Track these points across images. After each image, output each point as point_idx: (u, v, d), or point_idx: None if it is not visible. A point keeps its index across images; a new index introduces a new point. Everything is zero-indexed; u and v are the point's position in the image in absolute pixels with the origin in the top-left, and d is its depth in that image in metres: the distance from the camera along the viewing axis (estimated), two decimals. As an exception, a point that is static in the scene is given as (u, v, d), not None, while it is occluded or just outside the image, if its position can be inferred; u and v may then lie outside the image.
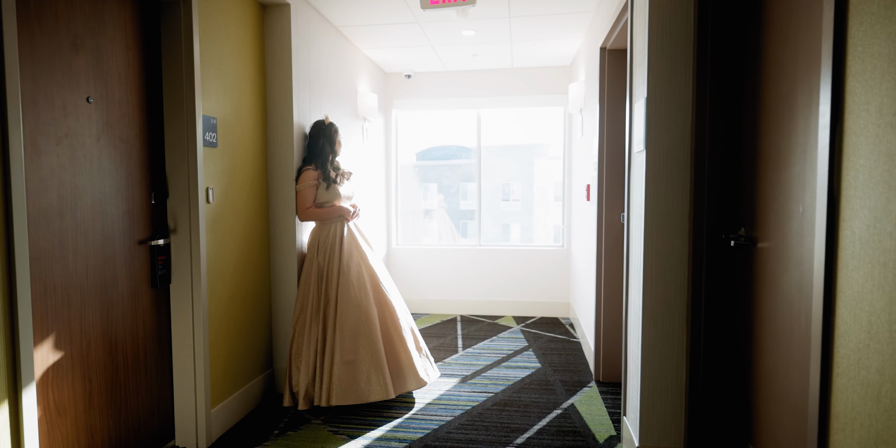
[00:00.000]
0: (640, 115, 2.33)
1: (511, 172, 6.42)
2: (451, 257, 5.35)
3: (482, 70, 5.19)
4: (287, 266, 3.22)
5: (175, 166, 2.48)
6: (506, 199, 6.62)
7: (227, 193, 2.76)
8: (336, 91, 3.87)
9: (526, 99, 5.18)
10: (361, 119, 4.49)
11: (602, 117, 3.40)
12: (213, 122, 2.61)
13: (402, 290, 5.40)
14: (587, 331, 3.97)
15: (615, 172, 3.35)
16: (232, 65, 2.80)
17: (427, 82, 5.27)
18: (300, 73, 3.25)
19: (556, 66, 5.09)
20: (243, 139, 2.93)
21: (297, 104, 3.20)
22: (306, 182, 3.16)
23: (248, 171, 2.98)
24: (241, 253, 2.90)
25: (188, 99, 2.45)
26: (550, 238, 6.14)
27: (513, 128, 5.66)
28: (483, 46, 4.41)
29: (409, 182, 5.90)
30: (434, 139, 5.88)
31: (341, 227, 3.23)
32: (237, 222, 2.86)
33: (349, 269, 3.13)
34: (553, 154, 5.67)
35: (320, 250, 3.17)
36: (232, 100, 2.80)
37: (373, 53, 4.58)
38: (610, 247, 3.38)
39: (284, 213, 3.21)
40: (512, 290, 5.27)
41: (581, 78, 4.36)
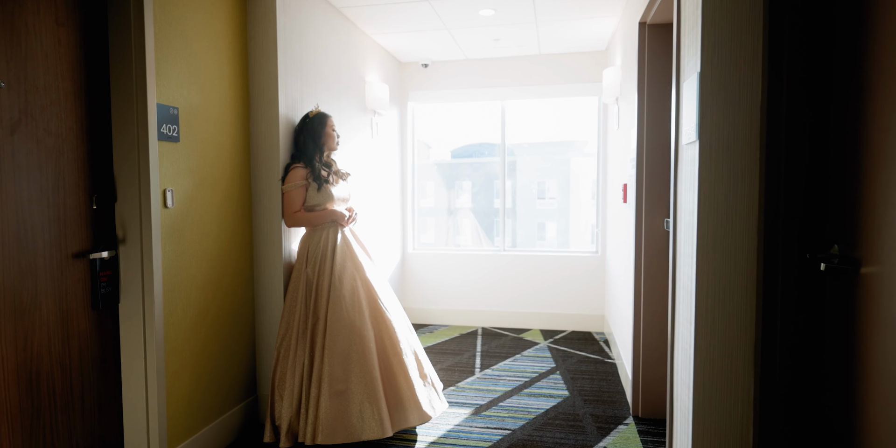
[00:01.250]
0: (690, 97, 1.82)
1: (545, 170, 5.89)
2: (472, 263, 4.88)
3: (506, 57, 4.69)
4: (273, 279, 2.82)
5: (124, 165, 2.09)
6: (541, 197, 6.10)
7: (195, 196, 2.37)
8: (338, 80, 3.45)
9: (555, 88, 4.66)
10: (370, 112, 4.07)
11: (641, 105, 2.87)
12: (173, 113, 2.22)
13: (419, 299, 4.97)
14: (624, 351, 3.44)
15: (657, 170, 2.82)
16: (202, 46, 2.40)
17: (446, 72, 4.80)
18: (289, 59, 2.83)
19: (589, 51, 4.56)
20: (218, 133, 2.53)
21: (284, 94, 2.79)
22: (294, 182, 2.75)
23: (225, 169, 2.59)
24: (214, 265, 2.51)
25: (138, 84, 2.06)
26: (587, 240, 5.59)
27: (541, 121, 5.14)
28: (505, 29, 3.92)
29: (428, 181, 5.46)
30: (455, 134, 5.41)
31: (334, 233, 2.81)
32: (208, 229, 2.46)
33: (342, 282, 2.70)
34: (589, 151, 5.13)
35: (309, 260, 2.75)
36: (201, 87, 2.41)
37: (384, 40, 4.15)
38: (651, 258, 2.85)
39: (270, 217, 2.80)
40: (539, 300, 4.76)
41: (617, 62, 3.82)
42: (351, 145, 3.69)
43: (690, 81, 1.81)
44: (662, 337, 2.83)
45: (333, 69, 3.39)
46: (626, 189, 3.31)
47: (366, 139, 3.99)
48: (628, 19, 3.27)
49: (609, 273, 4.36)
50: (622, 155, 3.61)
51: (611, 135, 4.30)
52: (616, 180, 3.95)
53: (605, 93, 3.91)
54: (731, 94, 1.68)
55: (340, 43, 3.50)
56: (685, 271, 1.84)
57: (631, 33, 3.18)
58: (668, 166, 2.79)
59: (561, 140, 5.49)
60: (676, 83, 2.05)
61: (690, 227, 1.78)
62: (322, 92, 3.21)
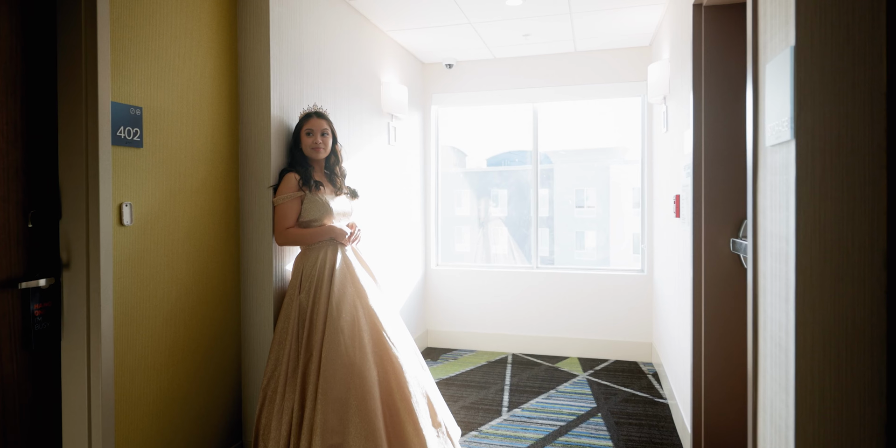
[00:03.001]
0: (779, 82, 1.34)
1: (583, 178, 5.39)
2: (502, 281, 4.42)
3: (538, 55, 4.25)
4: (261, 306, 2.44)
5: (70, 175, 1.75)
6: (580, 205, 5.61)
7: (162, 211, 2.01)
8: (347, 80, 3.08)
9: (593, 89, 4.18)
10: (387, 116, 3.69)
11: (698, 102, 2.39)
12: (134, 114, 1.87)
13: (442, 321, 4.53)
14: (680, 391, 2.92)
15: (720, 180, 2.32)
16: (177, 37, 2.06)
17: (471, 72, 4.39)
18: (285, 55, 2.48)
19: (631, 47, 4.07)
20: (196, 137, 2.18)
21: (278, 93, 2.43)
22: (286, 193, 2.37)
23: (204, 180, 2.23)
24: (187, 291, 2.14)
25: (88, 79, 1.72)
26: (630, 254, 5.05)
27: (578, 125, 4.67)
28: (535, 22, 3.49)
29: (456, 191, 5.04)
30: (488, 141, 4.98)
31: (333, 253, 2.42)
32: (180, 250, 2.10)
33: (340, 311, 2.30)
34: (630, 158, 4.62)
35: (303, 285, 2.37)
36: (175, 84, 2.06)
37: (402, 38, 3.77)
38: (714, 284, 2.34)
39: (259, 234, 2.43)
40: (578, 324, 4.26)
41: (664, 55, 3.33)
42: (364, 152, 3.31)
43: (779, 61, 1.34)
44: (733, 379, 2.32)
45: (342, 67, 3.03)
46: (678, 201, 2.82)
47: (381, 145, 3.61)
48: (679, 3, 2.80)
49: (658, 296, 3.83)
50: (672, 161, 3.12)
51: (657, 138, 3.80)
52: (664, 190, 3.44)
53: (651, 91, 3.43)
54: (841, 74, 1.20)
55: (351, 39, 3.14)
56: (776, 318, 1.35)
57: (682, 19, 2.70)
58: (737, 175, 2.29)
59: (599, 147, 4.99)
60: (753, 67, 1.57)
61: (783, 258, 1.30)
62: (326, 92, 2.85)
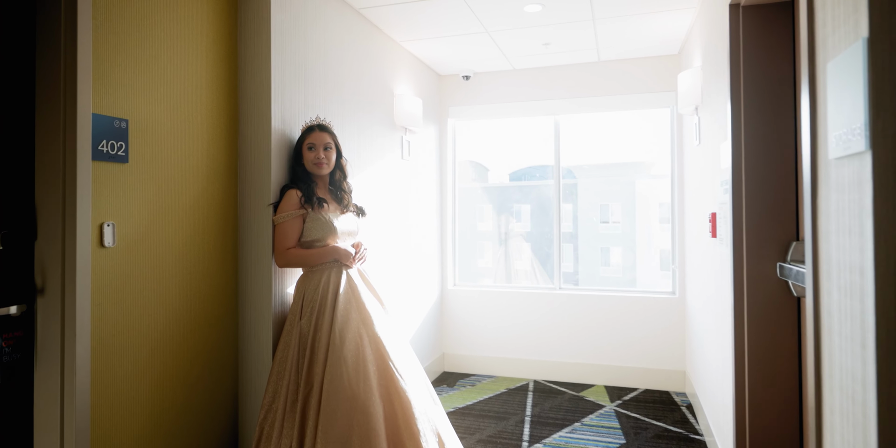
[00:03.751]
0: (846, 83, 1.13)
1: (607, 193, 5.16)
2: (523, 303, 4.19)
3: (559, 66, 4.07)
4: (260, 333, 2.27)
5: (47, 192, 1.61)
6: (604, 221, 5.38)
7: (150, 231, 1.87)
8: (356, 92, 2.94)
9: (617, 100, 3.98)
10: (400, 129, 3.53)
11: (736, 111, 2.18)
12: (119, 126, 1.73)
13: (460, 344, 4.31)
14: (719, 427, 2.65)
15: (764, 196, 2.09)
16: (166, 44, 1.93)
17: (490, 84, 4.23)
18: (288, 64, 2.34)
19: (659, 55, 3.87)
20: (189, 152, 2.04)
21: (280, 105, 2.29)
22: (287, 211, 2.21)
23: (199, 197, 2.08)
24: (178, 318, 1.98)
25: (67, 87, 1.58)
26: (657, 271, 4.77)
27: (602, 138, 4.45)
28: (556, 30, 3.32)
29: (477, 206, 4.85)
30: (510, 155, 4.80)
31: (337, 275, 2.24)
32: (170, 273, 1.95)
33: (343, 340, 2.11)
34: (656, 172, 4.39)
35: (304, 310, 2.19)
36: (166, 95, 1.93)
37: (416, 49, 3.63)
38: (758, 314, 2.10)
39: (258, 255, 2.27)
40: (604, 350, 3.99)
41: (696, 63, 3.12)
42: (375, 167, 3.15)
43: (846, 58, 1.13)
44: (783, 422, 2.05)
45: (351, 78, 2.88)
46: (715, 220, 2.58)
47: (394, 160, 3.45)
48: (712, 5, 2.59)
49: (691, 321, 3.56)
50: (706, 176, 2.88)
51: (688, 152, 3.56)
52: (697, 207, 3.20)
53: (681, 101, 3.21)
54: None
55: (361, 49, 3.00)
56: (847, 366, 1.12)
57: (717, 22, 2.50)
58: (783, 192, 2.06)
59: (624, 161, 4.76)
60: (810, 68, 1.36)
61: (856, 293, 1.07)
62: (333, 104, 2.70)
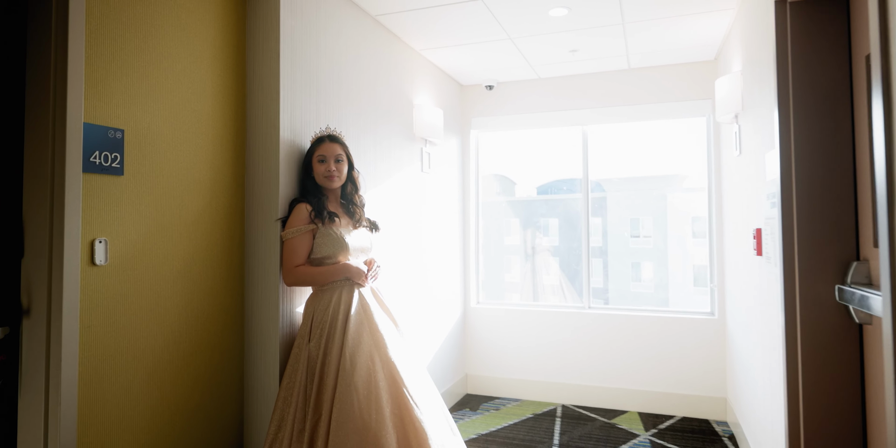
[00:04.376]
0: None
1: (637, 207, 4.93)
2: (551, 322, 3.98)
3: (587, 74, 3.91)
4: (266, 355, 2.13)
5: (35, 206, 1.52)
6: (635, 235, 5.16)
7: (147, 248, 1.76)
8: (373, 102, 2.83)
9: (650, 109, 3.78)
10: (420, 141, 3.41)
11: (784, 118, 1.97)
12: (114, 137, 1.64)
13: (483, 365, 4.11)
14: (763, 471, 2.39)
15: (818, 211, 1.87)
16: (167, 52, 1.85)
17: (514, 94, 4.09)
18: (299, 72, 2.24)
19: (693, 61, 3.67)
20: (192, 164, 1.94)
21: (289, 114, 2.18)
22: (296, 226, 2.09)
23: (202, 212, 1.98)
24: (177, 340, 1.86)
25: (57, 97, 1.50)
26: (689, 284, 4.50)
27: (632, 149, 4.25)
28: (583, 36, 3.16)
29: (504, 220, 4.68)
30: (537, 168, 4.63)
31: (348, 295, 2.10)
32: (168, 292, 1.83)
33: (354, 365, 1.96)
34: (689, 185, 4.15)
35: (313, 332, 2.05)
36: (166, 104, 1.84)
37: (437, 58, 3.52)
38: (814, 341, 1.86)
39: (266, 273, 2.15)
40: (638, 374, 3.74)
41: (735, 67, 2.92)
42: (393, 180, 3.02)
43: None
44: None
45: (367, 87, 2.78)
46: (760, 236, 2.36)
47: (414, 173, 3.32)
48: (754, 3, 2.41)
49: (733, 344, 3.30)
50: (747, 188, 2.66)
51: (727, 163, 3.34)
52: (738, 222, 2.97)
53: (719, 109, 3.00)
54: None
55: (378, 57, 2.90)
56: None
57: (760, 21, 2.31)
58: (841, 205, 1.84)
59: (656, 174, 4.53)
60: (884, 64, 1.16)
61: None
62: (348, 115, 2.59)
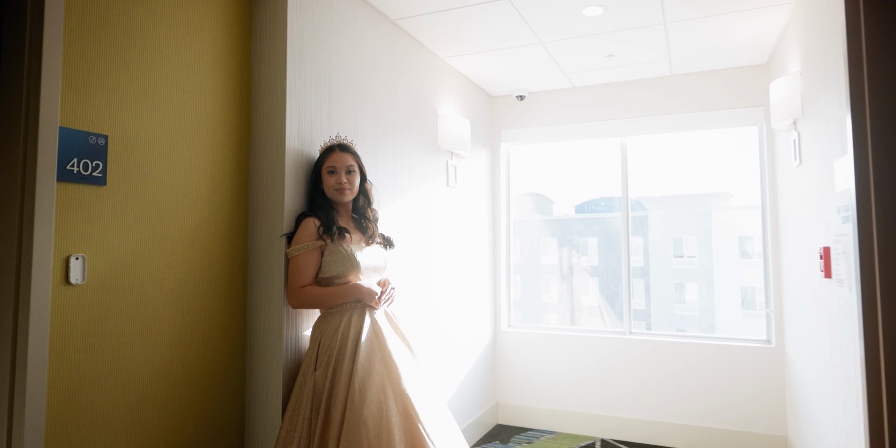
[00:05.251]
0: None
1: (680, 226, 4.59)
2: (589, 348, 3.67)
3: (625, 82, 3.66)
4: (268, 384, 1.94)
5: (2, 218, 1.38)
6: (678, 255, 4.81)
7: (134, 265, 1.60)
8: (393, 110, 2.65)
9: (694, 118, 3.49)
10: (445, 154, 3.21)
11: (859, 122, 1.68)
12: (96, 143, 1.50)
13: (515, 394, 3.82)
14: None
15: (905, 222, 1.57)
16: (162, 52, 1.71)
17: (547, 105, 3.86)
18: (309, 75, 2.09)
19: (743, 66, 3.38)
20: (188, 174, 1.79)
21: (297, 121, 2.02)
22: (303, 242, 1.90)
23: (199, 226, 1.82)
24: (164, 368, 1.68)
25: (30, 98, 1.37)
26: (736, 306, 4.12)
27: (674, 162, 3.94)
28: (621, 39, 2.93)
29: (542, 240, 4.42)
30: (574, 186, 4.36)
31: (359, 318, 1.90)
32: (159, 314, 1.66)
33: (364, 396, 1.75)
34: (737, 203, 3.82)
35: (320, 359, 1.85)
36: (160, 109, 1.69)
37: (463, 65, 3.34)
38: (902, 383, 1.55)
39: (269, 294, 1.97)
40: (685, 407, 3.39)
41: (794, 67, 2.63)
42: (415, 195, 2.83)
43: None
44: None
45: (386, 95, 2.61)
46: (828, 256, 2.04)
47: (438, 187, 3.12)
48: None
49: (795, 377, 2.94)
50: (810, 202, 2.36)
51: (783, 174, 3.02)
52: (798, 240, 2.64)
53: (774, 115, 2.71)
54: None
55: (398, 63, 2.73)
56: None
57: (825, 15, 2.04)
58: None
59: (700, 192, 4.19)
60: None
61: None
62: (365, 124, 2.42)
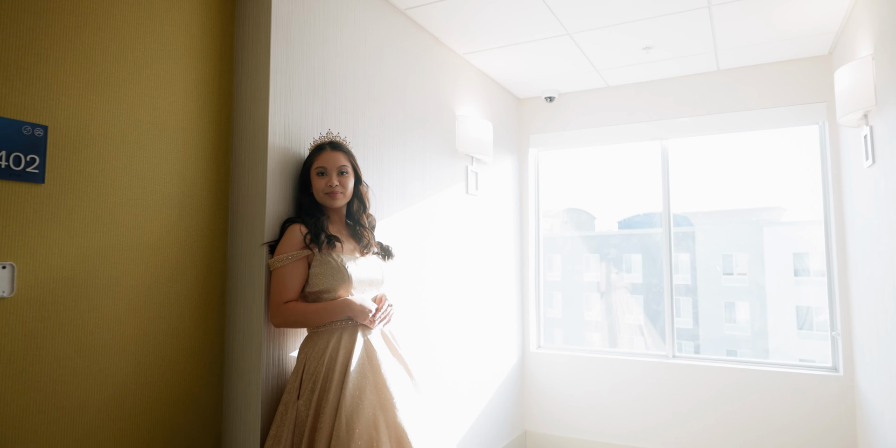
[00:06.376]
0: None
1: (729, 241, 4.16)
2: (628, 372, 3.30)
3: (665, 80, 3.32)
4: (245, 418, 1.68)
5: (-86, 221, 1.18)
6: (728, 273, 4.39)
7: (78, 276, 1.38)
8: (403, 109, 2.41)
9: (744, 118, 3.12)
10: (464, 158, 2.94)
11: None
12: (32, 134, 1.29)
13: (545, 422, 3.46)
14: None
15: None
16: (118, 32, 1.52)
17: (578, 106, 3.55)
18: (298, 66, 1.86)
19: (799, 58, 3.00)
20: (153, 173, 1.57)
21: (284, 115, 1.79)
22: (287, 252, 1.66)
23: (167, 232, 1.59)
24: (119, 396, 1.45)
25: (-50, 81, 1.18)
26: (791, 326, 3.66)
27: (721, 169, 3.55)
28: (659, 28, 2.61)
29: (583, 256, 4.09)
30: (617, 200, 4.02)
31: (349, 340, 1.64)
32: (111, 334, 1.43)
33: (350, 432, 1.48)
34: (791, 217, 3.41)
35: (304, 386, 1.59)
36: (114, 98, 1.49)
37: (484, 63, 3.07)
38: None
39: (248, 311, 1.72)
40: (737, 442, 2.97)
41: (864, 51, 2.26)
42: (428, 202, 2.57)
43: None
44: None
45: (392, 93, 2.37)
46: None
47: (456, 195, 2.85)
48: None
49: (868, 410, 2.50)
50: (884, 207, 1.97)
51: (851, 178, 2.62)
52: (869, 254, 2.24)
53: (841, 108, 2.34)
54: None
55: (409, 58, 2.50)
56: None
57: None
58: None
59: (750, 207, 3.77)
60: None
61: None
62: (368, 121, 2.18)
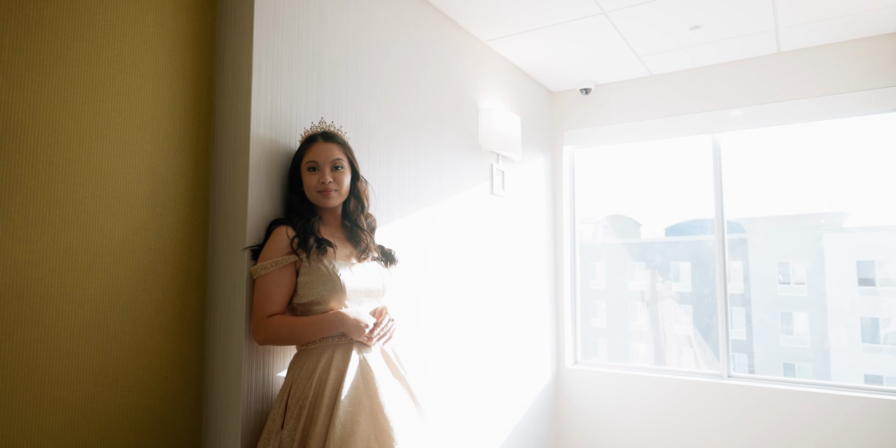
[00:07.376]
0: None
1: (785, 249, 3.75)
2: (674, 392, 2.95)
3: (717, 65, 2.97)
4: (225, 445, 1.49)
5: None
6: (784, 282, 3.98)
7: (19, 288, 1.21)
8: (415, 100, 2.19)
9: (806, 106, 2.75)
10: (489, 156, 2.69)
11: None
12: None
13: (585, 445, 3.15)
14: None
15: None
16: (72, 7, 1.36)
17: (617, 99, 3.24)
18: (288, 48, 1.67)
19: (871, 36, 2.61)
20: (115, 168, 1.40)
21: (270, 103, 1.60)
22: (272, 258, 1.46)
23: (133, 235, 1.42)
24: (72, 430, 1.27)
25: None
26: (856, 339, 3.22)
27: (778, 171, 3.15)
28: (709, 2, 2.30)
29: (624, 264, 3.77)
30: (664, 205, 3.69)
31: (342, 359, 1.42)
32: (59, 354, 1.26)
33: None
34: (853, 223, 3.01)
35: (289, 412, 1.38)
36: (68, 80, 1.32)
37: (510, 51, 2.81)
38: None
39: (229, 326, 1.53)
40: (805, 479, 2.58)
41: (961, 16, 1.89)
42: (447, 203, 2.33)
43: None
44: None
45: (405, 80, 2.15)
46: None
47: (480, 195, 2.60)
48: None
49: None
50: None
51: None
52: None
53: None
54: None
55: (423, 45, 2.28)
56: None
57: None
58: None
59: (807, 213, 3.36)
60: None
61: None
62: (374, 112, 1.96)
